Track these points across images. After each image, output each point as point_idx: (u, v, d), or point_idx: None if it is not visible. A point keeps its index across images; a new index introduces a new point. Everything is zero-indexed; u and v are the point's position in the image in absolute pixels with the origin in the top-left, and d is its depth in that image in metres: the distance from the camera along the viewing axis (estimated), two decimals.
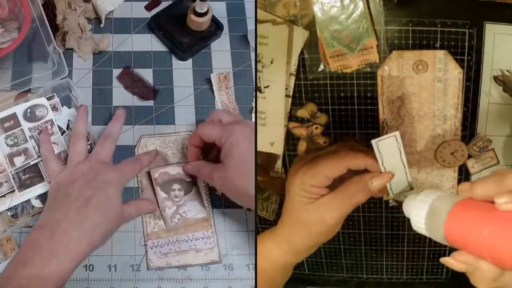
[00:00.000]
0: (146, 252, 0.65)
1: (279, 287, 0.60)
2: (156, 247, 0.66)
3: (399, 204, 0.52)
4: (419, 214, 0.45)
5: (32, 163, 0.66)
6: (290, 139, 0.64)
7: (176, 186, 0.68)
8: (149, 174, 0.68)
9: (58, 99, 0.71)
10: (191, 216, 0.67)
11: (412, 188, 0.53)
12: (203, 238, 0.67)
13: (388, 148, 0.51)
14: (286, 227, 0.56)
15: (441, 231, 0.42)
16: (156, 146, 0.71)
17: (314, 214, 0.53)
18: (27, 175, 0.66)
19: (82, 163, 0.62)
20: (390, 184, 0.52)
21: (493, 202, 0.38)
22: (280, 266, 0.57)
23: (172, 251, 0.66)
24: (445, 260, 0.42)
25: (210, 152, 0.67)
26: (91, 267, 0.64)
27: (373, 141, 0.50)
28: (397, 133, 0.51)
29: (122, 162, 0.65)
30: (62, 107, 0.71)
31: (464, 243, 0.41)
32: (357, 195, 0.52)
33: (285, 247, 0.56)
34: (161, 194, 0.67)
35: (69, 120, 0.70)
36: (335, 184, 0.53)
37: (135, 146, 0.71)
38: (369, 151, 0.52)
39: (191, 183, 0.68)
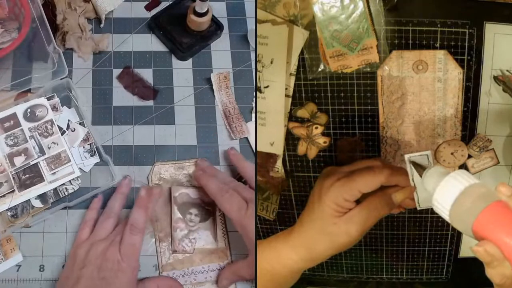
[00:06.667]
0: None
1: None
2: None
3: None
4: (446, 197, 0.42)
5: (32, 163, 0.66)
6: (290, 139, 0.64)
7: (193, 211, 0.67)
8: (170, 191, 0.67)
9: (58, 99, 0.71)
10: (199, 246, 0.66)
11: None
12: (219, 270, 0.65)
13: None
14: (307, 236, 0.56)
15: (469, 225, 0.40)
16: (169, 174, 0.69)
17: (341, 227, 0.54)
18: (27, 175, 0.66)
19: (101, 243, 0.60)
20: (418, 197, 0.53)
21: None
22: (293, 271, 0.58)
23: (187, 283, 0.64)
24: (474, 249, 0.40)
25: None
26: None
27: (406, 156, 0.52)
28: (429, 152, 0.52)
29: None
30: (62, 107, 0.71)
31: (493, 242, 0.39)
32: (381, 209, 0.54)
33: (302, 253, 0.56)
34: (177, 214, 0.66)
35: (69, 120, 0.70)
36: (361, 199, 0.55)
37: (148, 174, 0.69)
38: (401, 167, 0.53)
39: (209, 212, 0.68)
